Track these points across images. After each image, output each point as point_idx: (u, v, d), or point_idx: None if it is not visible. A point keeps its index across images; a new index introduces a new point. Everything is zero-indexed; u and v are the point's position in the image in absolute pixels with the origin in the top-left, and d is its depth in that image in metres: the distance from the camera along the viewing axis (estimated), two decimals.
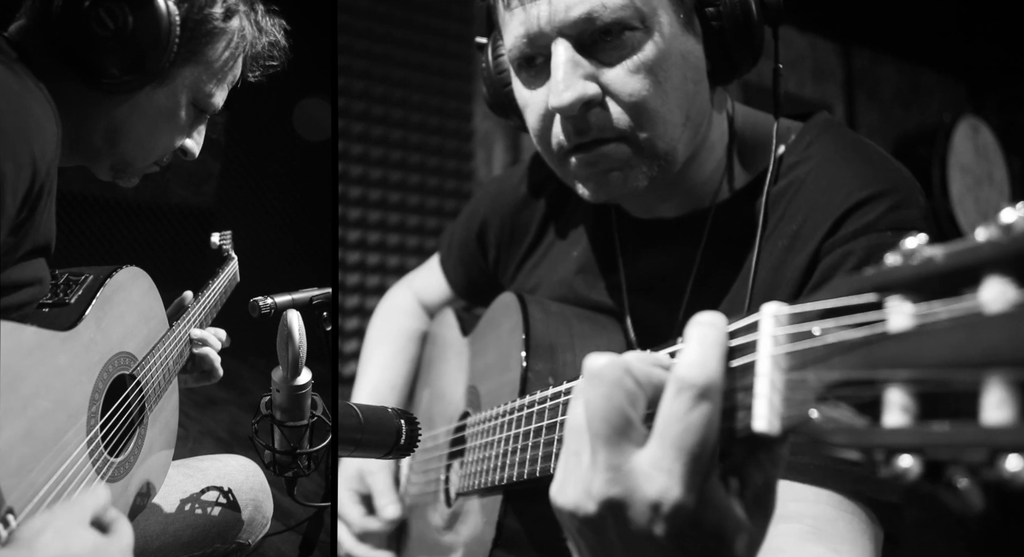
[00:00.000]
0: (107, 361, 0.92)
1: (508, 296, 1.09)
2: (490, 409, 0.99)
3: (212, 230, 1.39)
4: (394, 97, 2.48)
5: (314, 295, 1.23)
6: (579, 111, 0.87)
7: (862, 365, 0.40)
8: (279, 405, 1.00)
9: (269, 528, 1.22)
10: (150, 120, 0.93)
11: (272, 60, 1.02)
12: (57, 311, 0.88)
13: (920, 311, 0.39)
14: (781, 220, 0.92)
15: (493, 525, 0.95)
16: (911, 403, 0.38)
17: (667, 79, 0.87)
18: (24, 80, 0.79)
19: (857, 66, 3.63)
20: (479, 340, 1.19)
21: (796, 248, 0.90)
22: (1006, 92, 3.90)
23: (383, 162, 2.47)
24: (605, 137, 0.88)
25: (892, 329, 0.39)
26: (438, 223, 2.54)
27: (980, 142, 3.48)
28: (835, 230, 0.87)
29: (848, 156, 0.93)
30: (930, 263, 0.39)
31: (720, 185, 0.99)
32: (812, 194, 0.91)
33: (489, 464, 0.94)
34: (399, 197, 2.49)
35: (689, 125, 0.91)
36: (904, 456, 0.38)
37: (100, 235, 1.95)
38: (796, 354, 0.46)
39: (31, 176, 0.74)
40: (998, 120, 3.58)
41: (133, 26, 0.85)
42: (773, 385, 0.46)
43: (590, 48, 0.86)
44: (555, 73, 0.86)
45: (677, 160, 0.92)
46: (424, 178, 2.53)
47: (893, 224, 0.86)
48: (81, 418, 0.85)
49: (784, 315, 0.48)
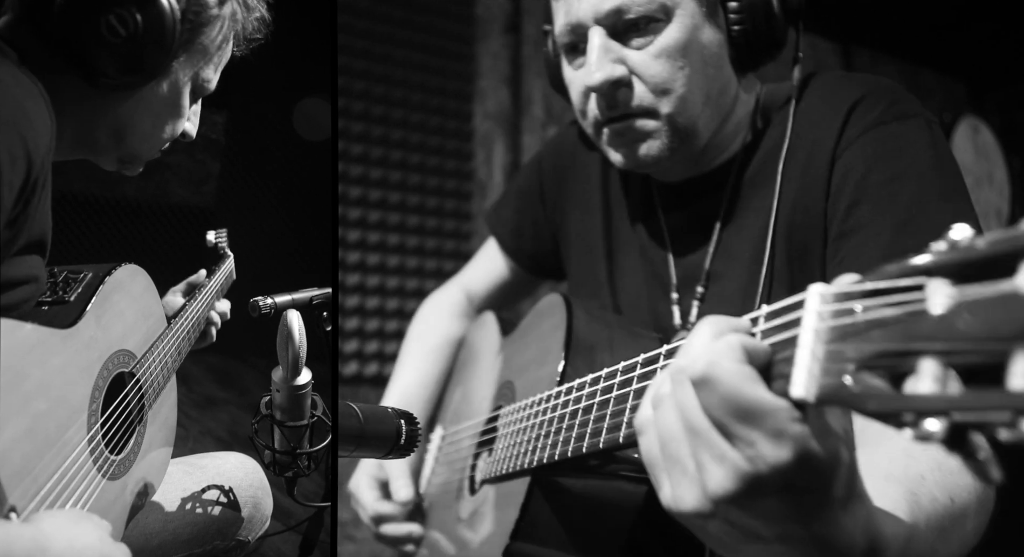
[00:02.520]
0: (107, 359, 0.92)
1: (554, 296, 1.13)
2: (527, 398, 1.01)
3: (212, 230, 1.39)
4: (394, 97, 2.48)
5: (314, 295, 1.23)
6: (609, 89, 0.99)
7: (900, 338, 0.43)
8: (279, 405, 1.00)
9: (269, 528, 1.22)
10: (155, 113, 0.93)
11: (257, 34, 1.01)
12: (57, 309, 0.88)
13: (959, 293, 0.41)
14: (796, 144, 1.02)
15: (517, 507, 0.96)
16: (943, 374, 0.41)
17: (688, 64, 0.98)
18: (16, 73, 0.78)
19: (857, 66, 3.63)
20: (520, 338, 1.22)
21: (815, 157, 0.98)
22: (1006, 92, 3.90)
23: (383, 162, 2.47)
24: (632, 112, 1.00)
25: (931, 308, 0.42)
26: (438, 223, 2.54)
27: (980, 142, 3.48)
28: (843, 131, 0.96)
29: (840, 76, 1.05)
30: (973, 250, 0.41)
31: (744, 138, 1.09)
32: (816, 111, 1.01)
33: (521, 448, 0.96)
34: (399, 197, 2.49)
35: (710, 104, 1.02)
36: (931, 419, 0.41)
37: (100, 235, 1.95)
38: (837, 328, 0.48)
39: (26, 168, 0.73)
40: (998, 120, 3.58)
41: (143, 28, 0.84)
42: (813, 355, 0.49)
43: (622, 35, 0.99)
44: (589, 56, 0.99)
45: (699, 134, 1.03)
46: (424, 178, 2.53)
47: (897, 115, 0.95)
48: (82, 416, 0.85)
49: (830, 294, 0.50)
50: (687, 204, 1.13)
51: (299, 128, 1.81)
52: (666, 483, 0.56)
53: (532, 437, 0.94)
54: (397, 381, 1.44)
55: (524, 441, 0.96)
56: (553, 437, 0.87)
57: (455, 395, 1.38)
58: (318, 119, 1.66)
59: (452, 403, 1.37)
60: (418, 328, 1.50)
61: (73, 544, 0.71)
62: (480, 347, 1.36)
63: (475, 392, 1.29)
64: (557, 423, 0.88)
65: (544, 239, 1.37)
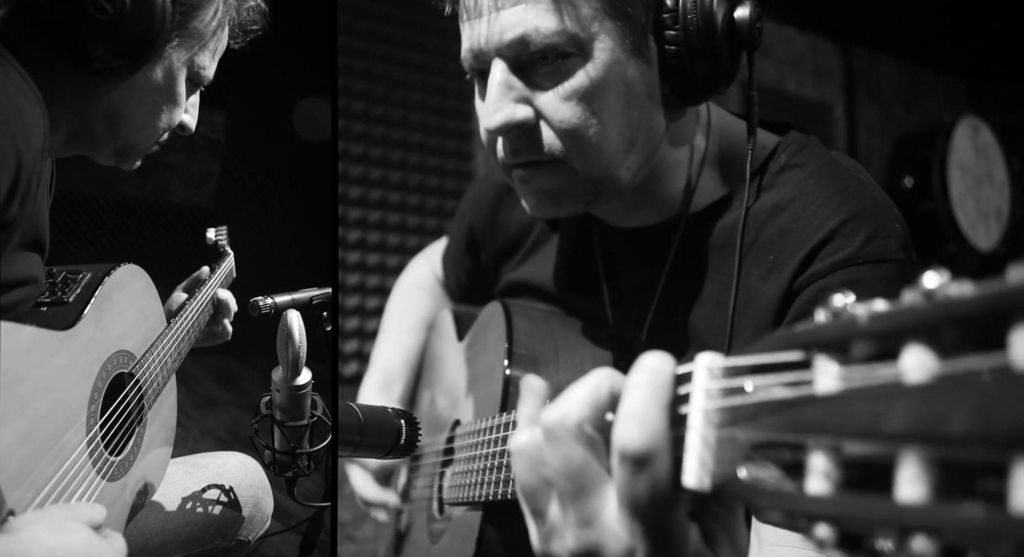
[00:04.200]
0: (106, 359, 0.92)
1: (495, 305, 1.09)
2: (476, 421, 0.99)
3: (212, 227, 1.39)
4: (394, 97, 2.48)
5: (314, 295, 1.23)
6: (513, 132, 0.86)
7: (787, 427, 0.39)
8: (279, 405, 1.00)
9: (269, 528, 1.22)
10: (150, 100, 0.91)
11: (254, 25, 1.00)
12: (55, 310, 0.87)
13: (845, 374, 0.38)
14: (754, 245, 0.90)
15: (473, 541, 0.95)
16: (833, 470, 0.37)
17: (604, 107, 0.84)
18: (6, 69, 0.77)
19: (857, 66, 3.63)
20: (471, 347, 1.19)
21: (771, 280, 0.88)
22: (1006, 92, 3.90)
23: (383, 162, 2.47)
24: (539, 159, 0.88)
25: (818, 391, 0.38)
26: (438, 223, 2.54)
27: (980, 142, 3.48)
28: (808, 262, 0.85)
29: (822, 182, 0.90)
30: (854, 325, 0.37)
31: (692, 197, 0.96)
32: (786, 221, 0.89)
33: (471, 479, 0.94)
34: (399, 197, 2.49)
35: (635, 150, 0.88)
36: (822, 525, 0.37)
37: (100, 235, 1.95)
38: (727, 410, 0.45)
39: (16, 166, 0.73)
40: (998, 120, 3.58)
41: (130, 7, 0.82)
42: (704, 441, 0.46)
43: (527, 70, 0.86)
44: (488, 94, 0.86)
45: (619, 182, 0.89)
46: (424, 178, 2.53)
47: (871, 256, 0.84)
48: (80, 417, 0.85)
49: (718, 368, 0.47)
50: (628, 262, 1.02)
51: (299, 128, 1.81)
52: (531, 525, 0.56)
53: (479, 468, 0.92)
54: (380, 354, 1.43)
55: (474, 471, 0.94)
56: (495, 474, 0.86)
57: (424, 398, 1.37)
58: (318, 119, 1.65)
59: (422, 407, 1.36)
60: (398, 302, 1.49)
61: (54, 552, 0.68)
62: (441, 347, 1.34)
63: (439, 400, 1.28)
64: (497, 459, 0.86)
65: (483, 283, 1.29)
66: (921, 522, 0.32)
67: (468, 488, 0.95)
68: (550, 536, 0.53)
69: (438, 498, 1.16)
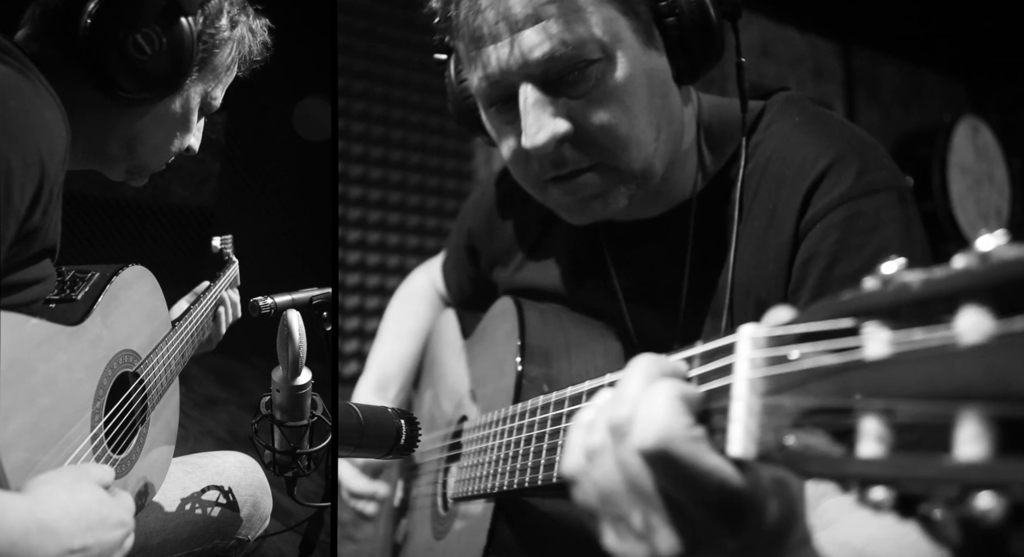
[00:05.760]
0: (112, 358, 0.92)
1: (506, 301, 1.09)
2: (486, 414, 0.99)
3: (212, 230, 1.39)
4: (394, 97, 2.48)
5: (314, 295, 1.23)
6: (553, 147, 0.87)
7: (837, 392, 0.39)
8: (279, 405, 1.01)
9: (269, 528, 1.22)
10: (167, 128, 0.97)
11: (258, 57, 1.06)
12: (64, 307, 0.89)
13: (896, 339, 0.38)
14: (755, 201, 0.93)
15: (484, 533, 0.95)
16: (887, 433, 0.37)
17: (635, 102, 0.87)
18: (35, 84, 0.79)
19: (857, 66, 3.63)
20: (478, 343, 1.19)
21: (775, 228, 0.90)
22: (1006, 92, 3.90)
23: (383, 162, 2.47)
24: (581, 167, 0.89)
25: (868, 356, 0.38)
26: (438, 223, 2.54)
27: (980, 142, 3.48)
28: (807, 205, 0.88)
29: (808, 128, 0.94)
30: (906, 290, 0.38)
31: (696, 178, 0.99)
32: (778, 170, 0.92)
33: (482, 471, 0.94)
34: (399, 197, 2.49)
35: (662, 138, 0.91)
36: (877, 488, 0.37)
37: (100, 235, 1.95)
38: (773, 378, 0.45)
39: (39, 175, 0.75)
40: (998, 120, 3.58)
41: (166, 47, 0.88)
42: (749, 409, 0.45)
43: (556, 84, 0.86)
44: (525, 117, 0.86)
45: (656, 174, 0.93)
46: (424, 178, 2.53)
47: (865, 189, 0.86)
48: (86, 413, 0.85)
49: (762, 337, 0.47)
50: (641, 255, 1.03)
51: (299, 128, 1.81)
52: (610, 533, 0.54)
53: (491, 460, 0.91)
54: (376, 358, 1.43)
55: (484, 463, 0.93)
56: (511, 464, 0.85)
57: (425, 397, 1.37)
58: (318, 119, 1.65)
59: (424, 406, 1.36)
60: (396, 309, 1.49)
61: (69, 510, 0.71)
62: (445, 346, 1.34)
63: (443, 399, 1.27)
64: (513, 448, 0.85)
65: (484, 289, 1.30)
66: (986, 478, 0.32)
67: (479, 480, 0.94)
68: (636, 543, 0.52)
69: (442, 494, 1.16)
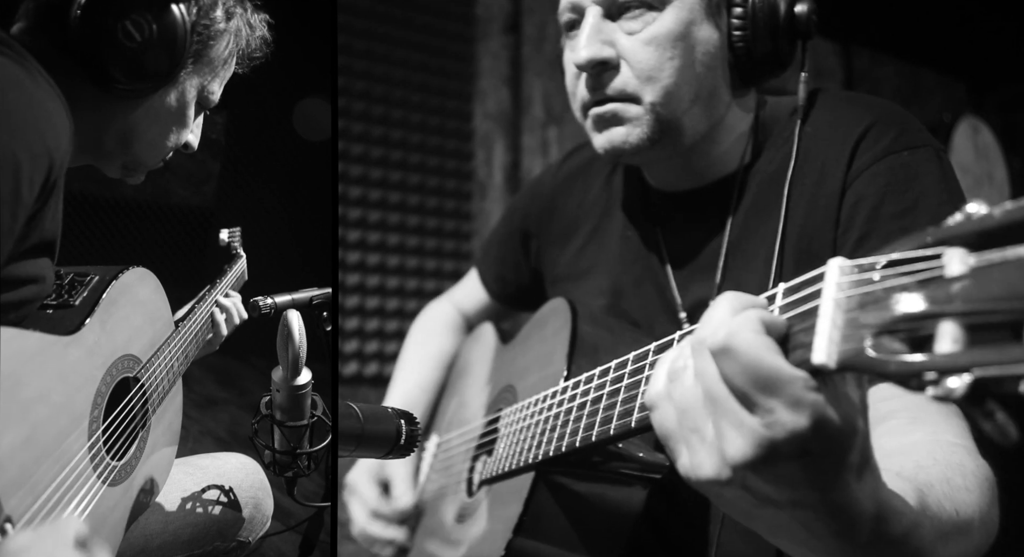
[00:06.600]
0: (111, 364, 0.92)
1: (558, 301, 1.13)
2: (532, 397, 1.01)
3: (212, 230, 1.39)
4: (394, 97, 2.48)
5: (314, 295, 1.23)
6: (596, 70, 0.99)
7: (918, 303, 0.45)
8: (279, 405, 1.00)
9: (269, 528, 1.22)
10: (162, 122, 0.96)
11: (257, 53, 1.05)
12: (61, 313, 0.88)
13: (976, 258, 0.43)
14: (805, 162, 1.00)
15: (521, 502, 0.96)
16: (962, 334, 0.43)
17: (676, 56, 0.97)
18: (34, 76, 0.79)
19: (857, 66, 3.63)
20: (520, 344, 1.22)
21: (824, 182, 0.97)
22: (1006, 92, 3.90)
23: (383, 162, 2.47)
24: (615, 97, 1.00)
25: (948, 273, 0.44)
26: (438, 223, 2.54)
27: (980, 142, 3.48)
28: (852, 158, 0.95)
29: (851, 100, 1.03)
30: (989, 219, 0.44)
31: (745, 152, 1.06)
32: (824, 135, 0.99)
33: (525, 444, 0.96)
34: (399, 197, 2.49)
35: (699, 103, 1.00)
36: (952, 377, 0.42)
37: (100, 235, 1.95)
38: (856, 297, 0.50)
39: (47, 167, 0.74)
40: (998, 120, 3.58)
41: (156, 35, 0.87)
42: (834, 323, 0.50)
43: (616, 18, 0.99)
44: (580, 34, 0.99)
45: (683, 130, 1.01)
46: (424, 178, 2.53)
47: (907, 144, 0.94)
48: (83, 422, 0.85)
49: (848, 266, 0.52)
50: (686, 220, 1.10)
51: (299, 128, 1.81)
52: (684, 452, 0.58)
53: (537, 433, 0.94)
54: (397, 385, 1.45)
55: (528, 437, 0.96)
56: (560, 429, 0.88)
57: (450, 404, 1.38)
58: (318, 119, 1.65)
59: (448, 412, 1.37)
60: (417, 336, 1.52)
61: None
62: (477, 357, 1.36)
63: (472, 399, 1.29)
64: (564, 416, 0.88)
65: (525, 280, 1.38)
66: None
67: (520, 455, 0.96)
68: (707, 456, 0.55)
69: (468, 480, 1.17)
